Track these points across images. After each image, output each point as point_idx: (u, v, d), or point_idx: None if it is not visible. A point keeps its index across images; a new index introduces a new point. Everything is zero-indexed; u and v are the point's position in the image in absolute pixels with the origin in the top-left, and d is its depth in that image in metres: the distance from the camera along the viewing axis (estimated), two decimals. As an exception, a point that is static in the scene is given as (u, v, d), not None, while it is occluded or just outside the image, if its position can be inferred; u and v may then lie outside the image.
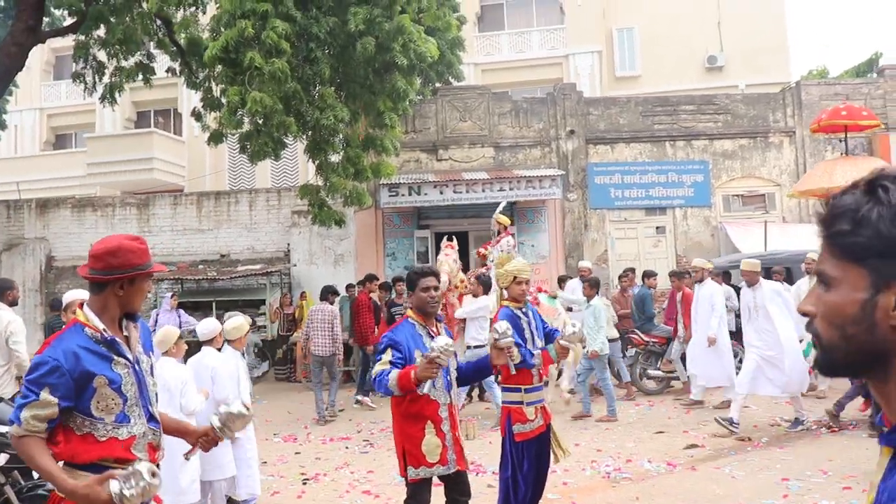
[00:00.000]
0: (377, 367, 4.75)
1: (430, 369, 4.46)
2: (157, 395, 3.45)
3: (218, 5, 13.83)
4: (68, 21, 17.49)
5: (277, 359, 16.51)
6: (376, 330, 13.49)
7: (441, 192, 17.64)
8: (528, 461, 5.59)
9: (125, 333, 3.29)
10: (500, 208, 12.71)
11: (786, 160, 19.68)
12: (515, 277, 5.74)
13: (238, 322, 7.03)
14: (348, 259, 18.98)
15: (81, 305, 3.30)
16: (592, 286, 11.39)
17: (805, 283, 11.35)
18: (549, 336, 5.99)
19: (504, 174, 18.04)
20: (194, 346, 7.33)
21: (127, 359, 3.20)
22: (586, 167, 19.32)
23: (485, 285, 11.25)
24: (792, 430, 9.62)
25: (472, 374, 5.47)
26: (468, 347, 11.05)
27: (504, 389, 5.75)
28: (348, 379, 15.21)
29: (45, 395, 2.97)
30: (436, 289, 5.03)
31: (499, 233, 12.17)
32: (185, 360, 6.77)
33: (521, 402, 5.61)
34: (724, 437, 9.41)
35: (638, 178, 19.42)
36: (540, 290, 12.86)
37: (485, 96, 19.44)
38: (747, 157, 19.62)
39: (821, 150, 19.68)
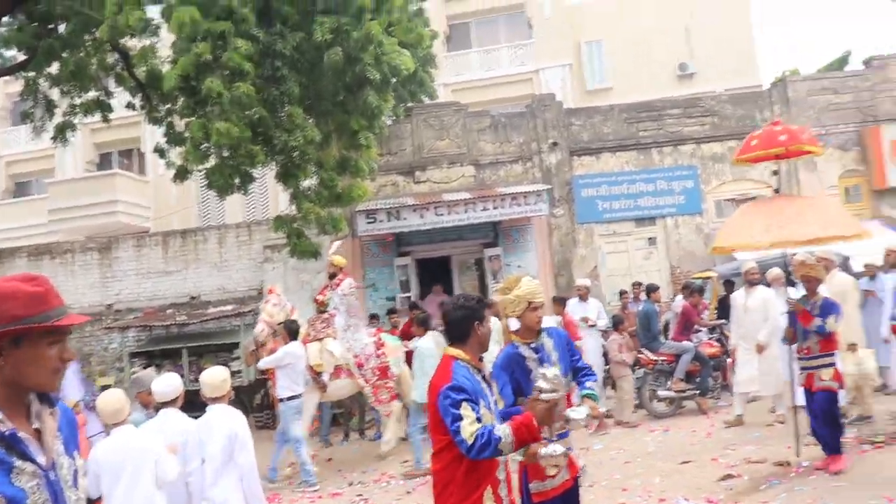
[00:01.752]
0: (469, 429, 3.75)
1: (548, 410, 3.86)
2: None
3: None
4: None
5: (255, 405, 15.45)
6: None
7: (421, 216, 16.67)
8: None
9: (35, 425, 2.24)
10: (333, 248, 12.20)
11: (776, 161, 18.96)
12: (531, 303, 4.68)
13: (218, 373, 6.05)
14: (326, 293, 17.95)
15: None
16: (421, 324, 10.31)
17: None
18: (578, 371, 5.01)
19: (486, 193, 17.13)
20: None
21: (37, 464, 2.17)
22: (571, 180, 18.48)
23: (290, 332, 10.39)
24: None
25: None
26: (281, 400, 10.14)
27: None
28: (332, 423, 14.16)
29: None
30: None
31: (334, 275, 11.58)
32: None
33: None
34: (760, 463, 8.48)
35: (626, 188, 18.59)
36: (380, 332, 12.29)
37: (461, 113, 18.57)
38: (737, 160, 18.85)
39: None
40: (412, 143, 18.37)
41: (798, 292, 8.81)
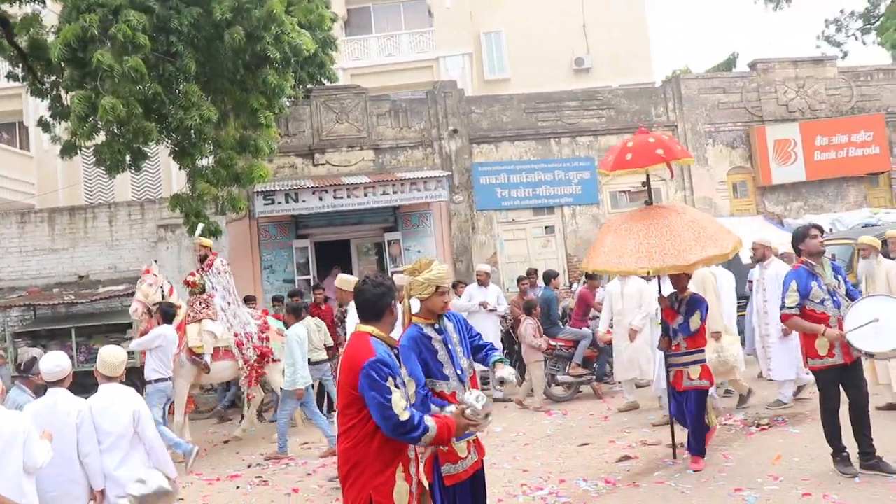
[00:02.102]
0: (401, 404, 3.81)
1: (464, 427, 4.10)
2: None
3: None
4: None
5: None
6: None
7: (320, 199, 16.43)
8: None
9: None
10: (198, 231, 12.11)
11: (669, 154, 19.49)
12: (439, 287, 4.65)
13: (119, 353, 5.80)
14: (222, 274, 17.51)
15: None
16: (292, 311, 10.55)
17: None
18: (481, 348, 5.02)
19: (386, 177, 17.03)
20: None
21: None
22: (471, 167, 18.55)
23: (165, 314, 10.29)
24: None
25: None
26: (149, 382, 9.97)
27: None
28: (230, 406, 13.87)
29: None
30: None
31: (205, 257, 11.48)
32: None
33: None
34: (655, 445, 8.70)
35: (524, 177, 18.79)
36: (266, 314, 12.36)
37: (361, 97, 18.38)
38: (632, 153, 19.29)
39: (702, 142, 19.64)
40: (311, 126, 18.09)
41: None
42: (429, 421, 3.85)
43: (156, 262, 12.34)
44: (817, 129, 19.93)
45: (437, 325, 4.75)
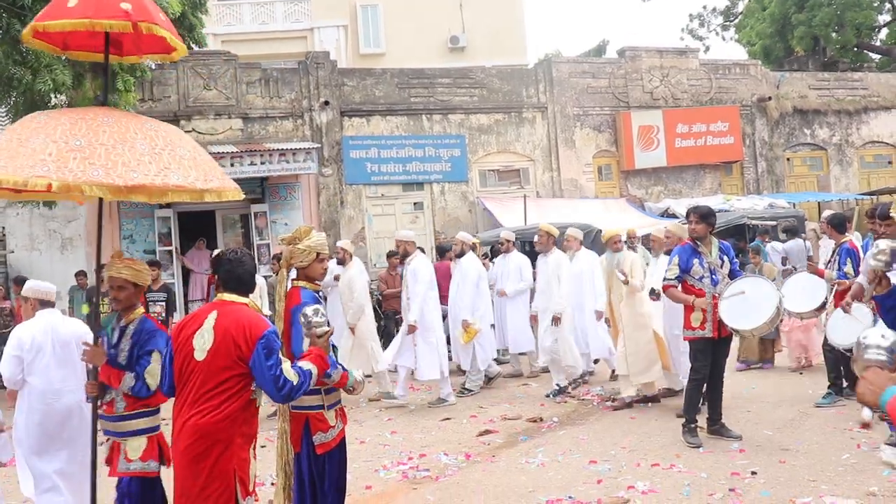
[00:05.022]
0: (294, 377, 3.89)
1: (325, 340, 4.20)
2: None
3: None
4: None
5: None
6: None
7: (185, 167, 15.88)
8: (329, 478, 4.62)
9: None
10: None
11: (538, 136, 19.91)
12: (319, 254, 4.74)
13: None
14: (78, 243, 16.78)
15: None
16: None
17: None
18: None
19: (255, 147, 16.67)
20: None
21: None
22: (341, 140, 18.38)
23: None
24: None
25: None
26: None
27: None
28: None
29: None
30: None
31: None
32: None
33: (322, 406, 4.61)
34: (514, 420, 8.88)
35: (395, 152, 18.77)
36: None
37: (231, 63, 17.88)
38: (502, 132, 19.63)
39: (571, 125, 20.09)
40: (177, 91, 17.47)
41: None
42: (307, 365, 3.96)
43: None
44: (679, 117, 20.73)
45: (320, 292, 4.90)
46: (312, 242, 4.72)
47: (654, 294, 8.61)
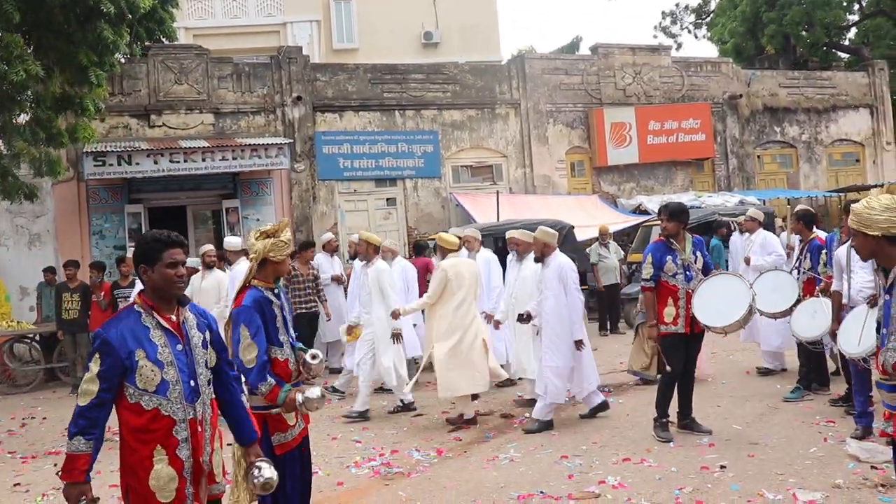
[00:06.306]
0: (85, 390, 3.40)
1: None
2: None
3: None
4: None
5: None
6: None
7: (156, 162, 15.72)
8: (291, 478, 4.59)
9: None
10: None
11: (511, 132, 19.94)
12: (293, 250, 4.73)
13: None
14: (46, 239, 16.58)
15: None
16: None
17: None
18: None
19: (226, 142, 16.53)
20: None
21: None
22: (314, 136, 18.29)
23: None
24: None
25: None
26: None
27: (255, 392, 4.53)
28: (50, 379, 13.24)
29: None
30: (184, 264, 3.62)
31: None
32: None
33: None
34: (488, 415, 8.90)
35: (367, 147, 18.71)
36: None
37: (203, 57, 17.72)
38: (475, 128, 19.64)
39: (544, 122, 20.14)
40: (147, 85, 17.30)
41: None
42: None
43: None
44: (651, 114, 20.84)
45: (275, 290, 4.75)
46: (287, 237, 4.69)
47: (522, 318, 8.40)
